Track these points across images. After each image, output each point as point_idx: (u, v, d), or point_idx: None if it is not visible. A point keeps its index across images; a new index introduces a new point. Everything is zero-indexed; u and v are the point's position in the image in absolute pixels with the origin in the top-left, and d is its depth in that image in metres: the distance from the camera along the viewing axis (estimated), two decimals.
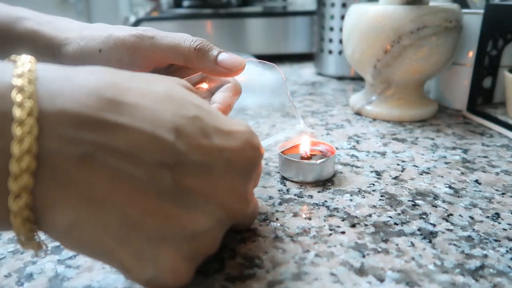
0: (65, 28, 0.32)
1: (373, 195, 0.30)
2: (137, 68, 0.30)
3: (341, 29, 0.62)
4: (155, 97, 0.18)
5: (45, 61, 0.31)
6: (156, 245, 0.17)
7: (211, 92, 0.32)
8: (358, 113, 0.51)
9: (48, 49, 0.31)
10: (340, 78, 0.72)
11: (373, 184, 0.32)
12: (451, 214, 0.27)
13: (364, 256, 0.23)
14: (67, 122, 0.15)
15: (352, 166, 0.35)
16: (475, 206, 0.29)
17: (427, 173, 0.34)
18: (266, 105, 0.53)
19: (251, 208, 0.22)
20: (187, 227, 0.18)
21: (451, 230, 0.26)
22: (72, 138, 0.15)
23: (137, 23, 0.80)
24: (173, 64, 0.32)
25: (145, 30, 0.30)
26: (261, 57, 0.61)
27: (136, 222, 0.17)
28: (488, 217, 0.27)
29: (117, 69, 0.19)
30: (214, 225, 0.19)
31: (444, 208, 0.28)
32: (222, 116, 0.21)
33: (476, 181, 0.32)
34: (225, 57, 0.30)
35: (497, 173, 0.34)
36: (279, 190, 0.31)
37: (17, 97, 0.15)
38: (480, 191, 0.31)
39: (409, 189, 0.31)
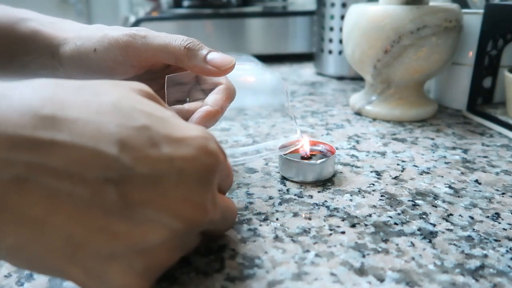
0: (65, 29, 0.32)
1: (373, 195, 0.30)
2: (131, 67, 0.31)
3: (341, 29, 0.62)
4: (100, 109, 0.17)
5: (45, 61, 0.32)
6: (106, 261, 0.17)
7: (205, 94, 0.32)
8: (358, 113, 0.51)
9: (48, 49, 0.31)
10: (340, 78, 0.72)
11: (373, 184, 0.32)
12: (451, 214, 0.27)
13: (364, 256, 0.23)
14: None
15: (352, 166, 0.35)
16: (475, 206, 0.29)
17: (427, 173, 0.34)
18: (266, 105, 0.53)
19: (213, 215, 0.20)
20: (138, 242, 0.17)
21: (451, 230, 0.26)
22: (4, 160, 0.15)
23: (137, 23, 0.80)
24: (170, 65, 0.33)
25: (138, 29, 0.30)
26: (261, 57, 0.61)
27: (83, 241, 0.16)
28: (488, 217, 0.27)
29: (66, 79, 0.18)
30: (168, 237, 0.18)
31: (444, 208, 0.28)
32: (177, 123, 0.20)
33: (476, 181, 0.32)
34: (214, 56, 0.30)
35: (497, 173, 0.34)
36: (279, 190, 0.31)
37: None
38: (480, 191, 0.31)
39: (409, 189, 0.31)
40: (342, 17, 0.67)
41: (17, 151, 0.15)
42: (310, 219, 0.27)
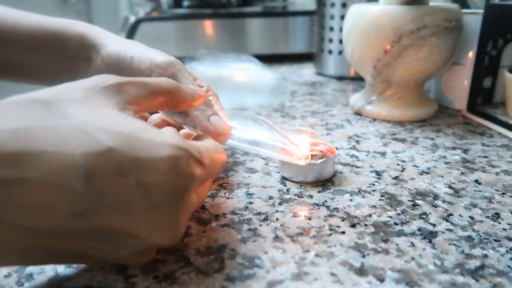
0: (105, 33, 0.36)
1: (373, 195, 0.30)
2: None
3: (341, 29, 0.62)
4: (65, 135, 0.17)
5: (91, 57, 0.35)
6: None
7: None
8: (358, 113, 0.51)
9: (92, 49, 0.35)
10: (340, 78, 0.72)
11: (373, 184, 0.32)
12: (451, 214, 0.27)
13: (364, 256, 0.23)
14: None
15: (352, 166, 0.35)
16: (475, 206, 0.29)
17: (427, 173, 0.34)
18: (266, 105, 0.53)
19: (182, 232, 0.21)
20: (110, 256, 0.19)
21: (451, 230, 0.26)
22: None
23: (137, 23, 0.80)
24: None
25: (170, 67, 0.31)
26: (261, 57, 0.61)
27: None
28: (488, 217, 0.27)
29: (38, 91, 0.19)
30: (141, 252, 0.20)
31: (444, 208, 0.28)
32: (145, 138, 0.18)
33: (476, 181, 0.32)
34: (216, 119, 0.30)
35: (497, 173, 0.34)
36: (279, 190, 0.31)
37: None
38: (480, 191, 0.31)
39: (409, 189, 0.31)
40: (342, 17, 0.67)
41: None
42: (310, 219, 0.27)
